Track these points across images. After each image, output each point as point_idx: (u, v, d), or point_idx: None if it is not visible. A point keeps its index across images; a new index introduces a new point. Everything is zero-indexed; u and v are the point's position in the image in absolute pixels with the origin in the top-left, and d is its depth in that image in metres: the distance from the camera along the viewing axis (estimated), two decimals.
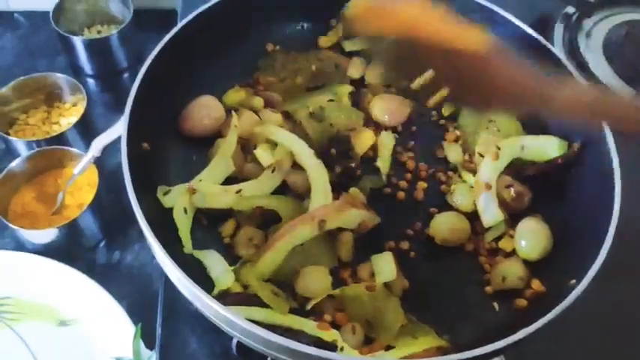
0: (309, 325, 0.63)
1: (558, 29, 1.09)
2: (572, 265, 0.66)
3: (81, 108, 1.00)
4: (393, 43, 0.66)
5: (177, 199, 0.72)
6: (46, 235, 0.87)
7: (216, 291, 0.66)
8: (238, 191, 0.73)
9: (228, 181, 0.76)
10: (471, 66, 0.62)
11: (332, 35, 0.91)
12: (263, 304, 0.65)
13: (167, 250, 0.60)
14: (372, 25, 0.65)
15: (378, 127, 0.84)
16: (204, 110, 0.80)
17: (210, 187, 0.74)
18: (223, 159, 0.76)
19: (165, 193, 0.72)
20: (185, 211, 0.72)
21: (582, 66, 1.01)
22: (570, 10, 1.12)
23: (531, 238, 0.72)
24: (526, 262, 0.72)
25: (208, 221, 0.74)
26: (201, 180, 0.74)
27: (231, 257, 0.71)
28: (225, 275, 0.67)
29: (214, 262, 0.69)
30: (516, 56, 0.61)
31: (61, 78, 1.01)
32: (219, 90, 0.84)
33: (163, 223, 0.70)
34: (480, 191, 0.75)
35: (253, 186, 0.74)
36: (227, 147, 0.76)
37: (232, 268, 0.69)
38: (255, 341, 0.56)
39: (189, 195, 0.72)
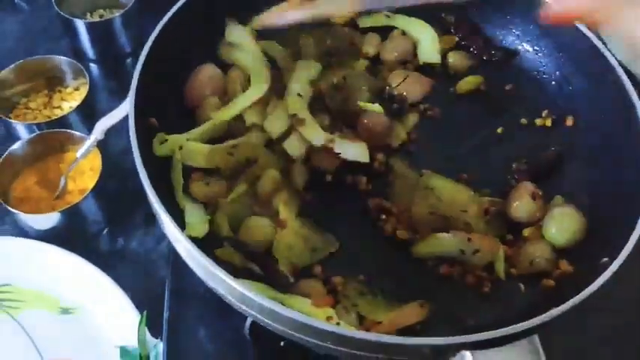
0: (302, 302, 0.60)
1: None
2: (601, 244, 0.63)
3: (83, 92, 0.98)
4: None
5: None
6: (48, 220, 0.85)
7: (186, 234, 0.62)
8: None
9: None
10: None
11: None
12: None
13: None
14: None
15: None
16: (206, 78, 0.78)
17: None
18: None
19: (162, 143, 0.70)
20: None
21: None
22: None
23: (561, 224, 0.69)
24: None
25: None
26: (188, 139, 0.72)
27: None
28: (199, 222, 0.66)
29: (194, 209, 0.67)
30: None
31: (63, 61, 0.99)
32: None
33: (172, 200, 0.67)
34: None
35: None
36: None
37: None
38: (274, 320, 0.54)
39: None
